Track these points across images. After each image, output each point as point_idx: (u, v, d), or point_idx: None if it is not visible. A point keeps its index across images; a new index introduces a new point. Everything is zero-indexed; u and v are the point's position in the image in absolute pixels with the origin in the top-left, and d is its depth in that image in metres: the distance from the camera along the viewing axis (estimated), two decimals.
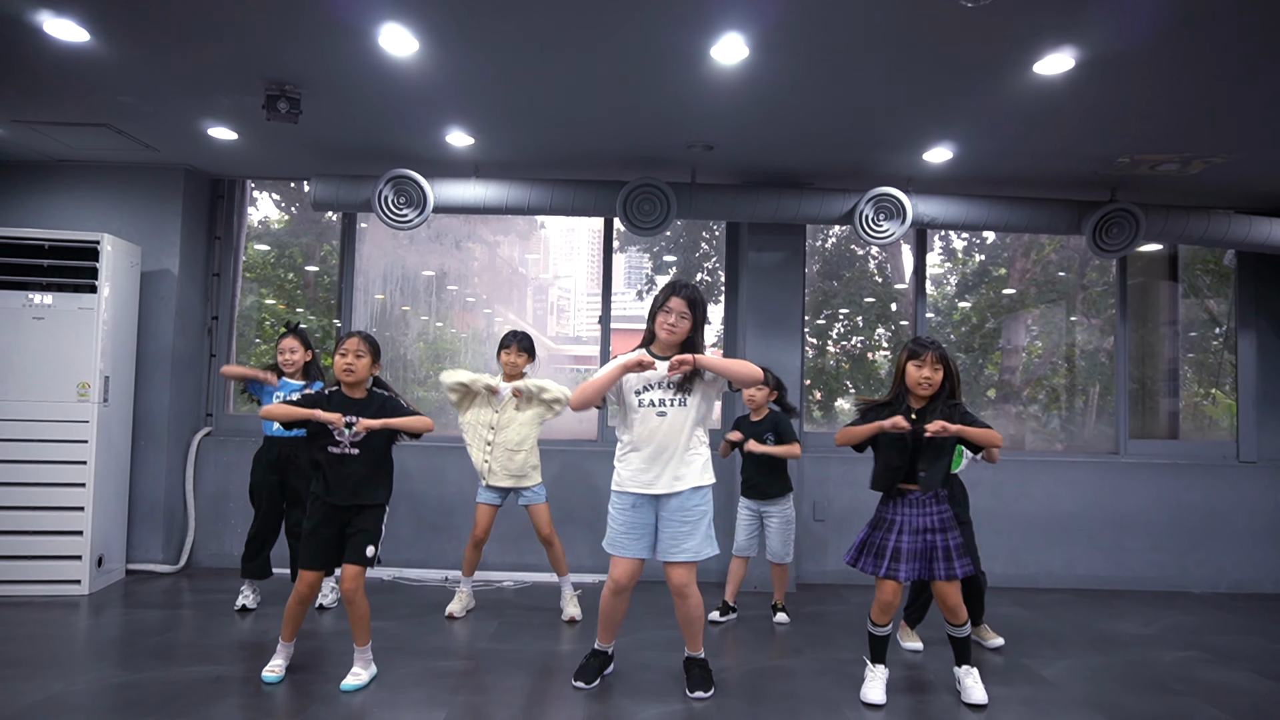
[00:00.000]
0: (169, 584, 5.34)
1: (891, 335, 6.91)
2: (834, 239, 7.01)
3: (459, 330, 6.65)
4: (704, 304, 3.51)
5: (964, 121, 4.50)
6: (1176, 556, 5.92)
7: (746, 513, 4.79)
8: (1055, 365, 6.91)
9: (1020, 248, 7.05)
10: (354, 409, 3.59)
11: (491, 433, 4.62)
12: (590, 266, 6.40)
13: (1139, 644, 4.56)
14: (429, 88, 4.20)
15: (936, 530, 3.48)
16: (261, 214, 6.87)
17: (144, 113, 4.63)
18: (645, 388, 3.46)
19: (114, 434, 5.24)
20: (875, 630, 3.62)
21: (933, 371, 3.45)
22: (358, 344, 3.62)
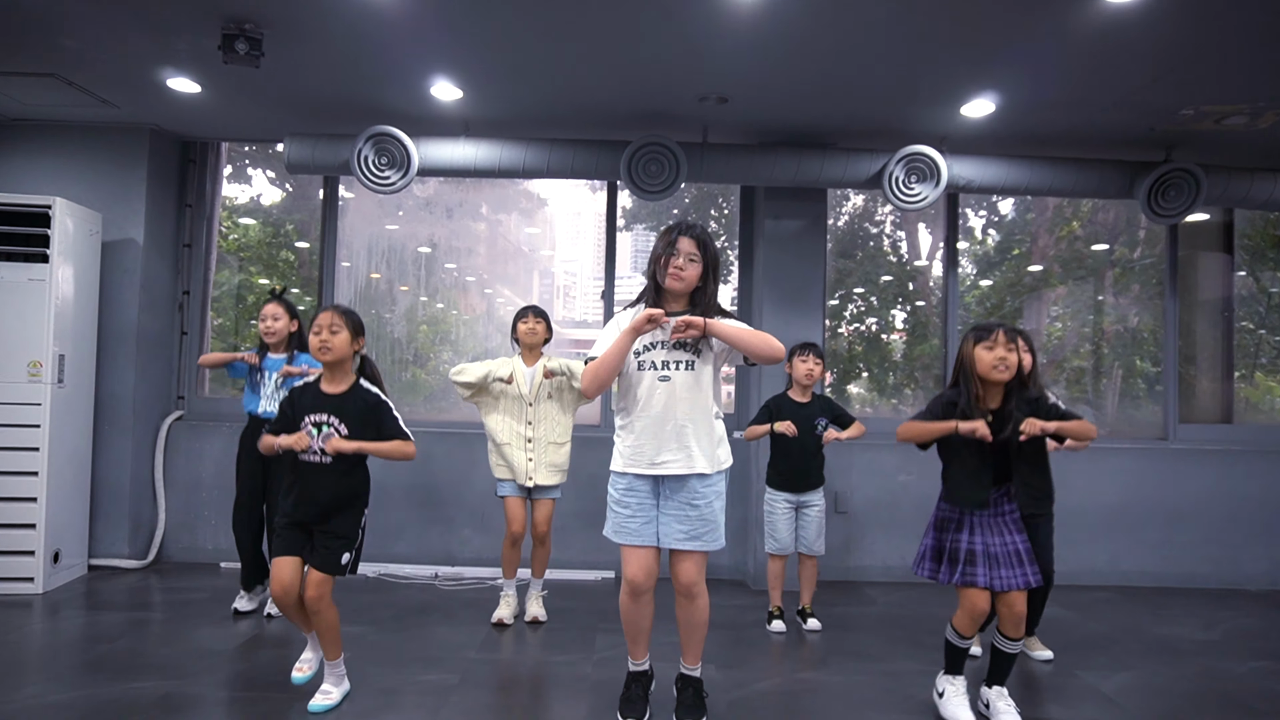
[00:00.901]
0: (134, 581, 4.91)
1: (909, 315, 6.43)
2: (847, 217, 6.53)
3: (462, 313, 6.19)
4: (715, 248, 2.91)
5: (1011, 67, 4.00)
6: (1231, 551, 5.43)
7: (784, 505, 4.26)
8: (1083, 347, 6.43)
9: (1044, 224, 6.55)
10: (333, 407, 3.06)
11: (530, 428, 4.16)
12: (596, 250, 5.92)
13: (1203, 652, 4.08)
14: (409, 28, 3.71)
15: (1011, 531, 3.02)
16: (255, 190, 6.44)
17: (92, 60, 4.15)
18: (645, 347, 2.88)
19: (72, 418, 4.79)
20: (957, 641, 3.14)
21: (1007, 350, 2.93)
22: (331, 317, 3.05)
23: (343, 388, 3.10)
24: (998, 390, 3.01)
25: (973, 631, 3.12)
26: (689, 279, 2.86)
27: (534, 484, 4.15)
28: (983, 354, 2.96)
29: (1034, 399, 3.02)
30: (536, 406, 4.17)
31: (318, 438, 3.02)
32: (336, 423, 3.04)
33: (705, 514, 2.88)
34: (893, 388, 6.45)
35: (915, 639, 4.12)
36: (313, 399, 3.08)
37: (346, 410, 3.06)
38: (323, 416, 3.04)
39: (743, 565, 5.37)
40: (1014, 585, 2.98)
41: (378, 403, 3.12)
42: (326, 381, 3.12)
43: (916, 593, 5.00)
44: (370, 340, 5.87)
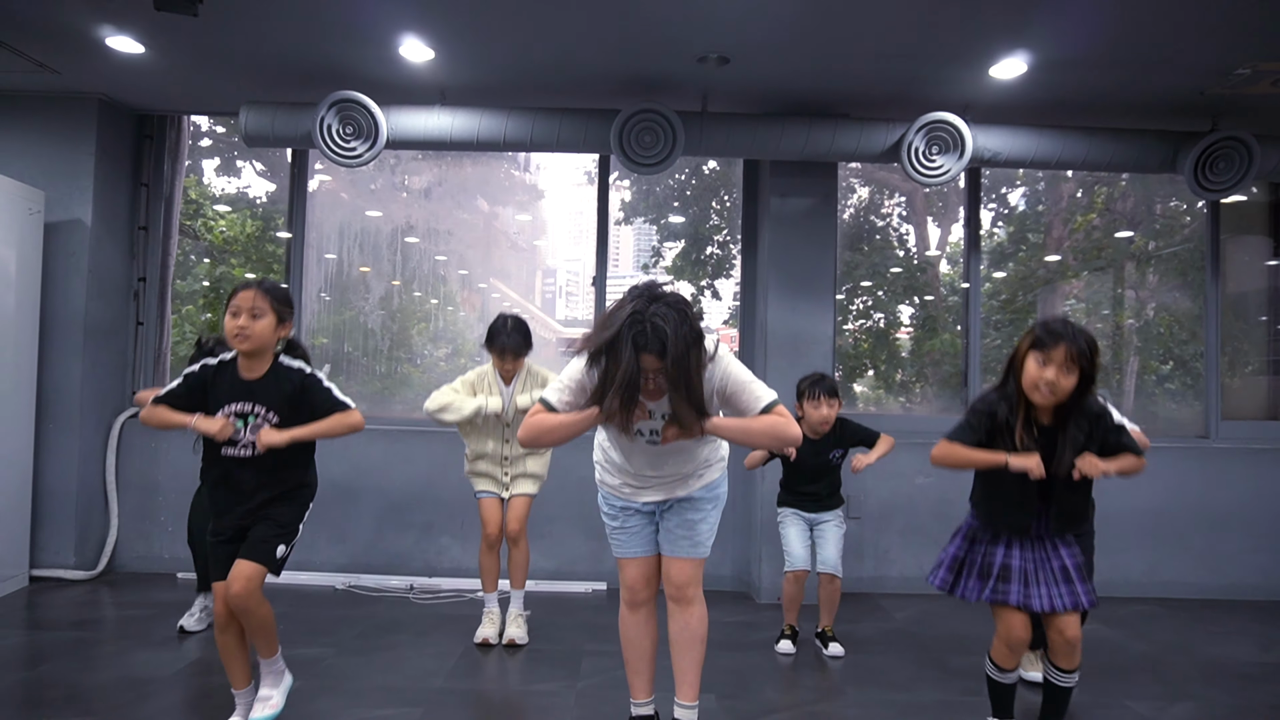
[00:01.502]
0: (79, 595, 4.47)
1: (918, 310, 5.99)
2: (852, 210, 6.11)
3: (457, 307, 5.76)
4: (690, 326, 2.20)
5: (1047, 18, 3.55)
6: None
7: (798, 519, 3.80)
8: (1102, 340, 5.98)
9: (1059, 214, 6.11)
10: (253, 394, 2.62)
11: (507, 446, 3.78)
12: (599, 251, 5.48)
13: (1267, 678, 3.61)
14: None
15: (1055, 546, 2.55)
16: (244, 181, 6.13)
17: (19, 14, 3.70)
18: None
19: (8, 414, 4.36)
20: (997, 676, 2.66)
21: (1059, 375, 2.38)
22: (253, 296, 2.56)
23: (260, 371, 2.64)
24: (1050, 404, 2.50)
25: (1013, 663, 2.65)
26: (662, 387, 2.26)
27: (510, 494, 3.78)
28: (1031, 365, 2.43)
29: (1096, 415, 2.49)
30: (514, 426, 3.71)
31: (245, 430, 2.58)
32: (264, 412, 2.60)
33: (709, 518, 2.58)
34: (900, 385, 6.04)
35: (940, 662, 3.67)
36: (230, 386, 2.62)
37: (271, 396, 2.61)
38: (246, 406, 2.60)
39: (746, 575, 4.92)
40: (1060, 606, 2.51)
41: (303, 380, 2.65)
42: (245, 367, 2.64)
43: (937, 606, 4.54)
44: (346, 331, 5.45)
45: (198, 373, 2.67)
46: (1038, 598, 2.53)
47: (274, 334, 2.62)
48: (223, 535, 2.64)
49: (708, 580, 2.66)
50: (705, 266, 6.17)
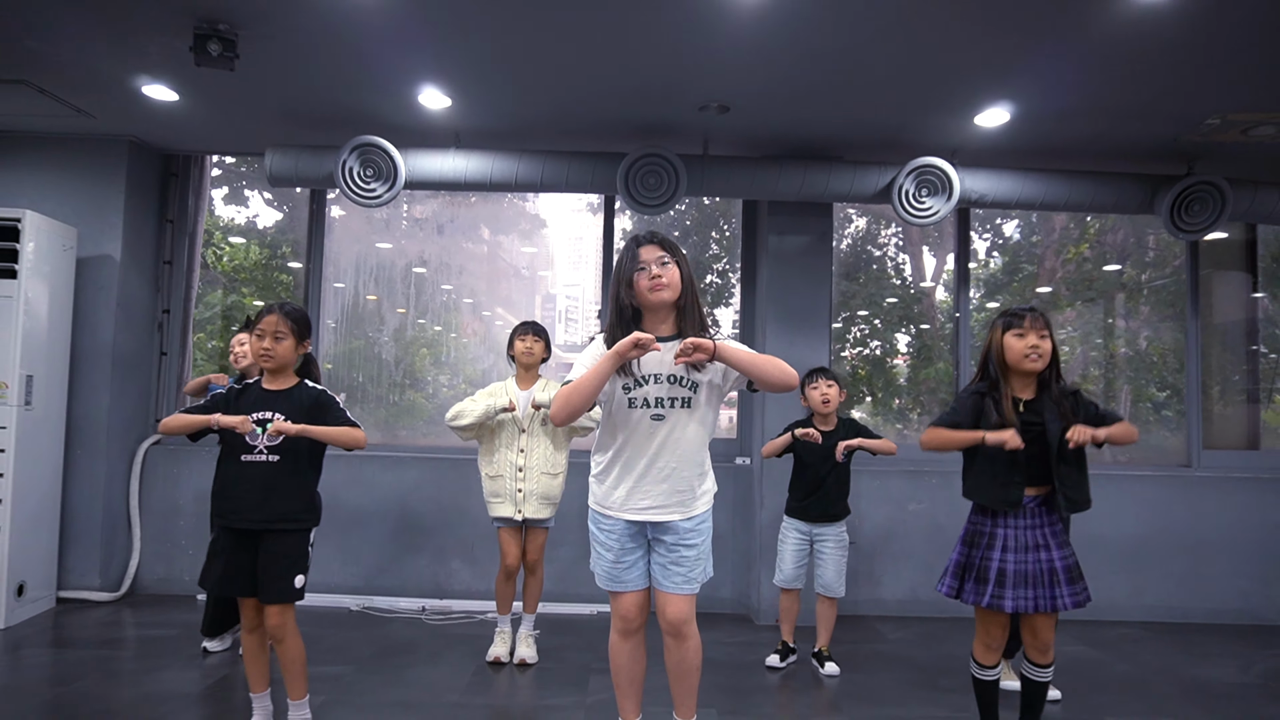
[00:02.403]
0: (105, 615, 4.64)
1: (914, 339, 6.20)
2: (849, 239, 6.33)
3: (460, 335, 5.97)
4: (683, 251, 2.59)
5: (1029, 73, 3.79)
6: (1262, 585, 5.13)
7: (796, 536, 4.00)
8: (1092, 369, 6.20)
9: (1051, 246, 6.35)
10: (275, 404, 2.88)
11: (522, 456, 3.92)
12: (599, 274, 5.72)
13: (1243, 696, 3.79)
14: (395, 31, 3.51)
15: (1049, 547, 2.75)
16: (252, 211, 6.31)
17: (62, 63, 3.94)
18: (637, 382, 2.56)
19: (41, 442, 4.56)
20: (981, 674, 2.90)
21: (1039, 339, 2.73)
22: (276, 322, 2.87)
23: (287, 385, 2.95)
24: (1030, 380, 2.80)
25: (993, 660, 2.88)
26: (672, 283, 2.54)
27: (524, 517, 3.91)
28: (1013, 342, 2.76)
29: (1072, 392, 2.80)
30: (530, 434, 3.93)
31: (263, 435, 2.82)
32: (281, 419, 2.85)
33: (700, 553, 2.63)
34: (898, 412, 6.22)
35: (932, 682, 3.84)
36: (256, 398, 2.90)
37: (291, 405, 2.88)
38: (267, 414, 2.85)
39: (746, 598, 5.10)
40: (1039, 608, 2.72)
41: (320, 396, 2.95)
42: (269, 380, 2.95)
43: (930, 629, 4.72)
44: (360, 361, 5.66)
45: (223, 394, 2.95)
46: (1027, 600, 2.72)
47: (294, 353, 2.93)
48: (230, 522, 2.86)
49: (707, 603, 2.80)
50: (705, 295, 6.39)
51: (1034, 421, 2.71)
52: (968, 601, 2.81)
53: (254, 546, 2.84)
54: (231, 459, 2.86)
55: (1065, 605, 2.72)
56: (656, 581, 2.63)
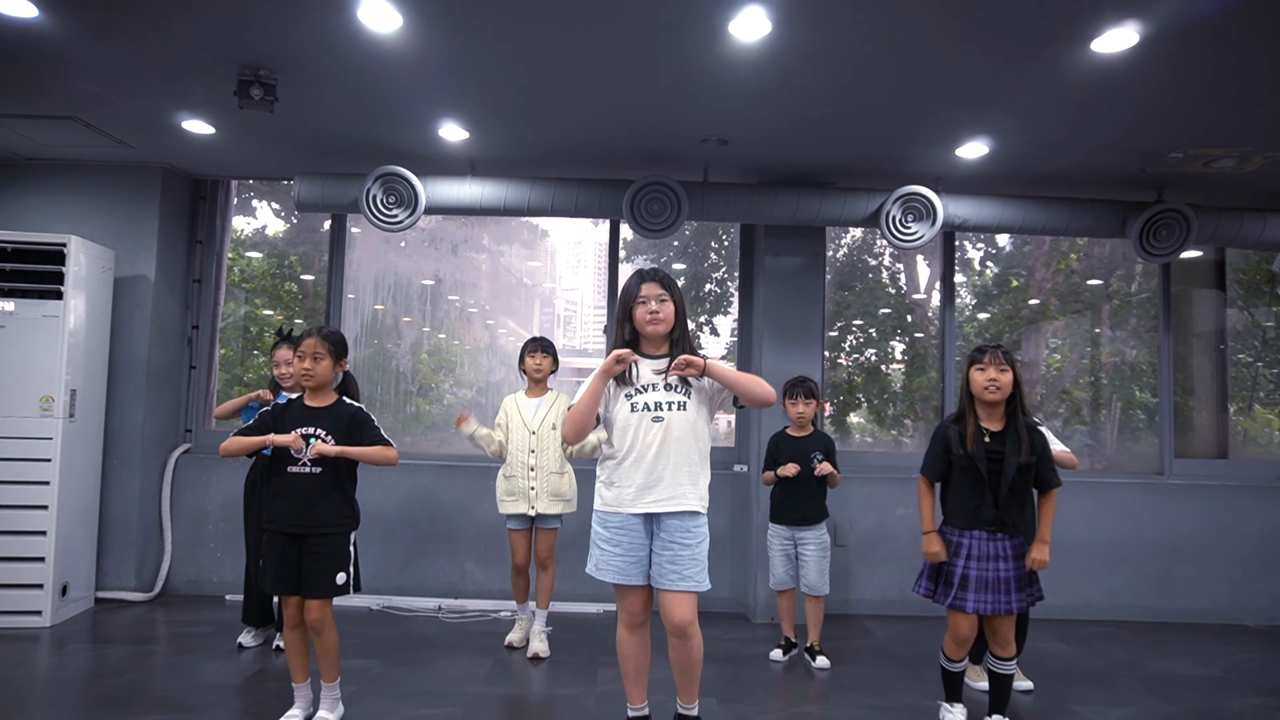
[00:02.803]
0: (140, 614, 4.94)
1: (908, 347, 6.51)
2: (845, 249, 6.65)
3: (463, 342, 6.28)
4: (679, 290, 3.00)
5: (1006, 111, 4.11)
6: (1229, 586, 5.46)
7: (780, 541, 4.33)
8: (1081, 379, 6.51)
9: (1040, 258, 6.66)
10: (317, 420, 3.20)
11: (533, 456, 4.30)
12: (597, 279, 6.03)
13: (1201, 688, 4.11)
14: (417, 73, 3.82)
15: (1007, 558, 3.12)
16: (260, 222, 6.56)
17: (111, 102, 4.27)
18: (639, 389, 2.94)
19: (82, 451, 4.86)
20: (949, 665, 3.30)
21: (998, 372, 3.11)
22: (315, 344, 3.20)
23: (327, 402, 3.26)
24: (997, 412, 3.13)
25: (961, 655, 3.25)
26: (666, 318, 2.94)
27: (536, 512, 4.26)
28: (976, 376, 3.14)
29: (1031, 427, 3.16)
30: (540, 436, 4.27)
31: (306, 449, 3.14)
32: (323, 434, 3.18)
33: (696, 554, 2.92)
34: (893, 419, 6.51)
35: (915, 673, 4.16)
36: (299, 414, 3.22)
37: (331, 422, 3.20)
38: (310, 430, 3.17)
39: (744, 598, 5.41)
40: (997, 610, 3.10)
41: (359, 413, 3.27)
42: (310, 398, 3.26)
43: (915, 626, 5.03)
44: (376, 372, 5.97)
45: (270, 412, 3.26)
46: (986, 603, 3.10)
47: (333, 372, 3.26)
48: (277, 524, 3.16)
49: (707, 602, 3.10)
50: (704, 303, 6.70)
51: (998, 451, 3.07)
52: (939, 602, 3.16)
53: (299, 549, 3.15)
54: (279, 470, 3.18)
55: (1015, 609, 3.10)
56: (657, 580, 2.94)
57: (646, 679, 3.10)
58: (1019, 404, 3.14)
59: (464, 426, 4.35)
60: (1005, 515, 3.09)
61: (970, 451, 3.10)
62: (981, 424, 3.14)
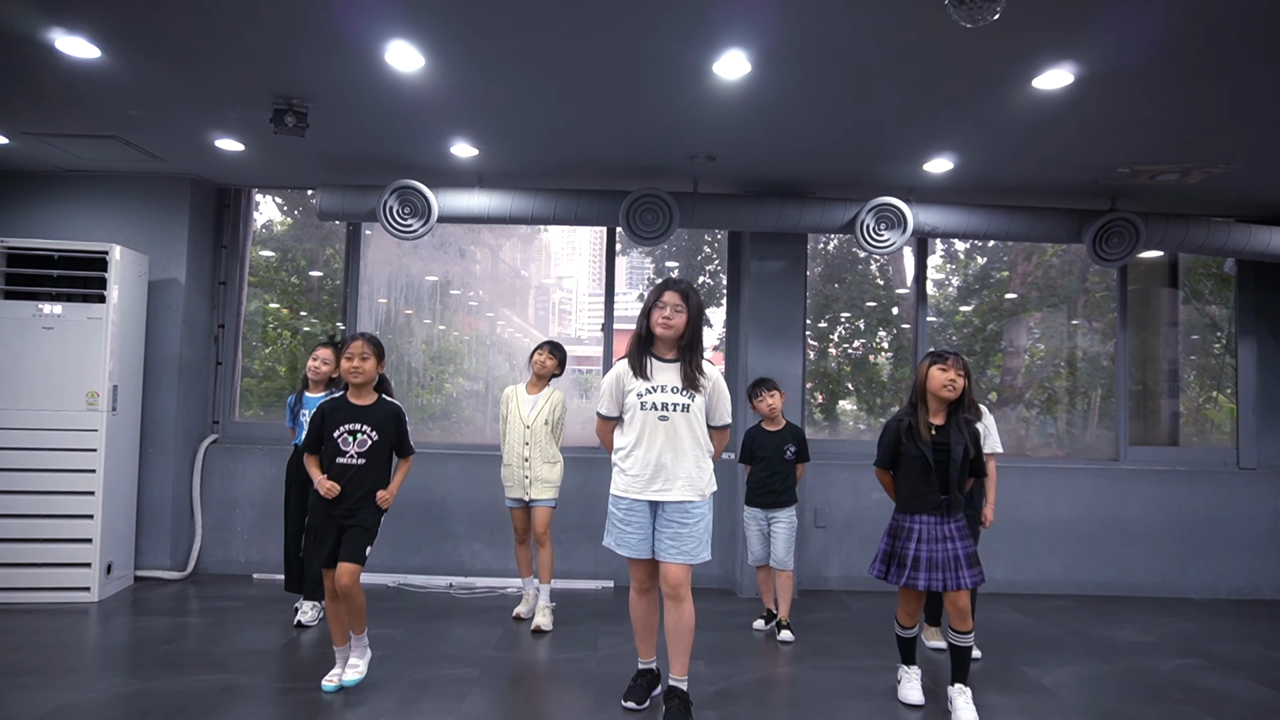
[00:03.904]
0: (176, 591, 5.39)
1: (893, 339, 6.93)
2: (835, 242, 7.04)
3: (462, 333, 6.70)
4: (699, 300, 3.45)
5: (964, 133, 4.54)
6: (1177, 563, 5.95)
7: (755, 522, 4.78)
8: (1057, 369, 6.94)
9: (1022, 252, 7.08)
10: (364, 417, 3.68)
11: (527, 448, 4.74)
12: (591, 268, 6.44)
13: (1138, 651, 4.59)
14: (434, 102, 4.24)
15: (954, 539, 3.54)
16: (265, 218, 6.88)
17: (153, 125, 4.68)
18: (648, 390, 3.40)
19: (122, 442, 5.30)
20: (902, 633, 3.76)
21: (957, 374, 3.52)
22: (362, 346, 3.69)
23: (370, 401, 3.75)
24: (942, 408, 3.58)
25: (911, 623, 3.72)
26: (676, 327, 3.40)
27: (530, 498, 4.73)
28: (936, 373, 3.56)
29: (969, 422, 3.60)
30: (534, 430, 4.73)
31: (353, 442, 3.63)
32: (369, 430, 3.66)
33: (694, 532, 3.40)
34: (881, 407, 6.93)
35: (883, 639, 4.63)
36: (346, 412, 3.70)
37: (375, 418, 3.70)
38: (356, 425, 3.66)
39: (731, 575, 5.87)
40: (952, 586, 3.52)
41: (398, 413, 3.79)
42: (354, 396, 3.74)
43: (885, 600, 5.50)
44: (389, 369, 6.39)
45: (318, 413, 3.73)
46: (938, 581, 3.52)
47: (375, 371, 3.74)
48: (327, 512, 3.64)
49: (699, 579, 3.57)
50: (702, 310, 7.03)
51: (943, 442, 3.52)
52: (891, 582, 3.62)
53: (339, 527, 3.61)
54: (329, 461, 3.65)
55: (966, 584, 3.52)
56: (658, 553, 3.42)
57: (654, 637, 3.62)
58: (962, 405, 3.58)
59: None
60: (951, 499, 3.53)
61: (920, 443, 3.54)
62: (929, 418, 3.58)
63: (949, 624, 3.63)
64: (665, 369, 3.43)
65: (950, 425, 3.54)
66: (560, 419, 4.86)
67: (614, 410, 3.51)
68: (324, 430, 3.68)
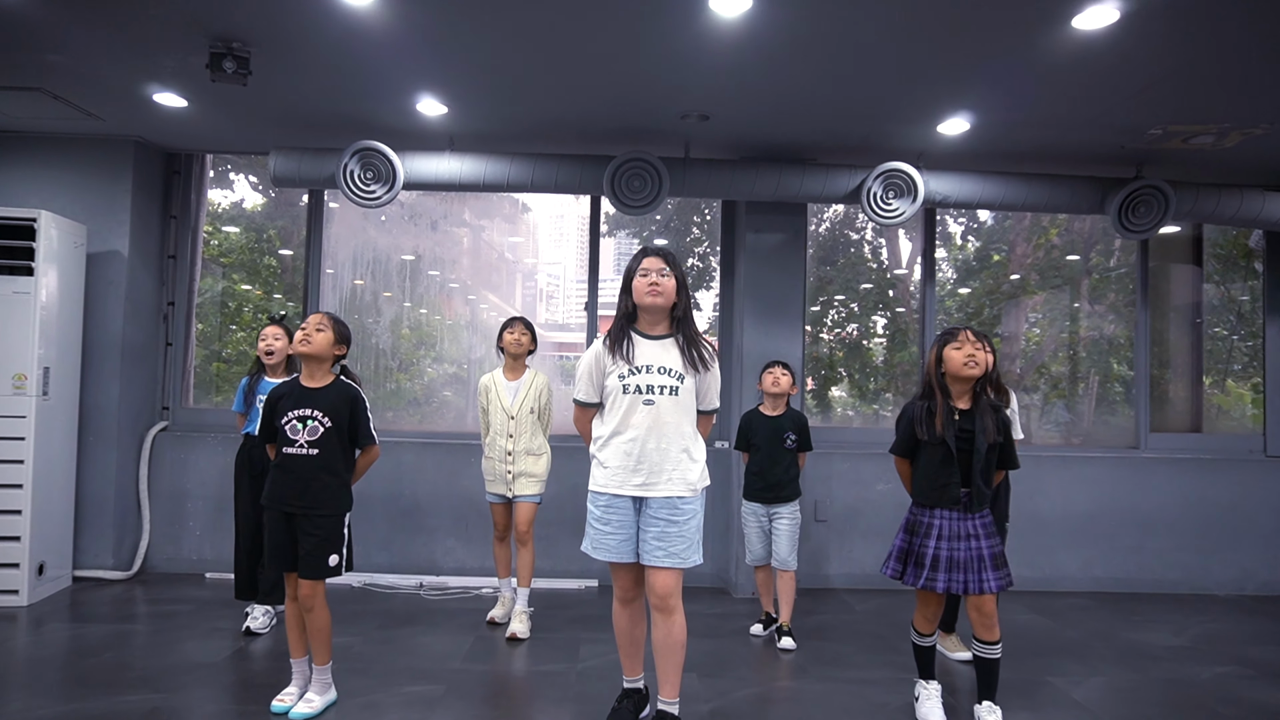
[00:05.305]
0: (119, 593, 4.92)
1: (889, 322, 6.53)
2: (828, 223, 6.63)
3: (444, 318, 6.23)
4: (681, 266, 3.01)
5: (986, 87, 4.10)
6: (1200, 557, 5.56)
7: (755, 518, 4.34)
8: (1060, 353, 6.57)
9: (1021, 232, 6.69)
10: (314, 401, 3.20)
11: (511, 440, 4.28)
12: (579, 253, 6.00)
13: (1171, 657, 4.20)
14: (394, 46, 3.76)
15: (978, 536, 3.11)
16: (238, 196, 6.46)
17: (80, 75, 4.17)
18: (631, 371, 2.93)
19: (56, 430, 4.81)
20: (919, 641, 3.31)
21: (975, 348, 3.09)
22: (320, 318, 3.24)
23: (324, 383, 3.26)
24: (966, 391, 3.14)
25: (930, 629, 3.29)
26: (667, 291, 2.94)
27: (513, 494, 4.28)
28: (953, 354, 3.12)
29: (996, 407, 3.16)
30: (518, 420, 4.27)
31: (304, 430, 3.15)
32: (320, 415, 3.18)
33: (684, 531, 2.93)
34: (874, 393, 6.54)
35: (892, 646, 4.22)
36: (295, 397, 3.22)
37: (327, 401, 3.21)
38: (306, 410, 3.17)
39: (724, 573, 5.45)
40: (975, 590, 3.09)
41: (355, 395, 3.28)
42: (307, 378, 3.25)
43: (892, 600, 5.10)
44: (355, 350, 5.92)
45: (268, 399, 3.28)
46: (958, 583, 3.10)
47: (329, 348, 3.25)
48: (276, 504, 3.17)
49: (689, 577, 3.10)
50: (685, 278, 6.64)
51: (967, 429, 3.08)
52: (908, 583, 3.18)
53: (293, 527, 3.16)
54: (278, 452, 3.19)
55: (991, 588, 3.08)
56: (643, 556, 2.94)
57: (641, 652, 3.15)
58: (987, 383, 3.15)
59: None
60: (976, 494, 3.11)
61: (940, 431, 3.10)
62: (952, 403, 3.14)
63: (974, 634, 3.21)
64: (652, 347, 2.96)
65: (975, 410, 3.10)
66: (546, 405, 4.40)
67: (593, 396, 3.04)
68: (273, 417, 3.22)
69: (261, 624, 4.19)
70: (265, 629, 4.20)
